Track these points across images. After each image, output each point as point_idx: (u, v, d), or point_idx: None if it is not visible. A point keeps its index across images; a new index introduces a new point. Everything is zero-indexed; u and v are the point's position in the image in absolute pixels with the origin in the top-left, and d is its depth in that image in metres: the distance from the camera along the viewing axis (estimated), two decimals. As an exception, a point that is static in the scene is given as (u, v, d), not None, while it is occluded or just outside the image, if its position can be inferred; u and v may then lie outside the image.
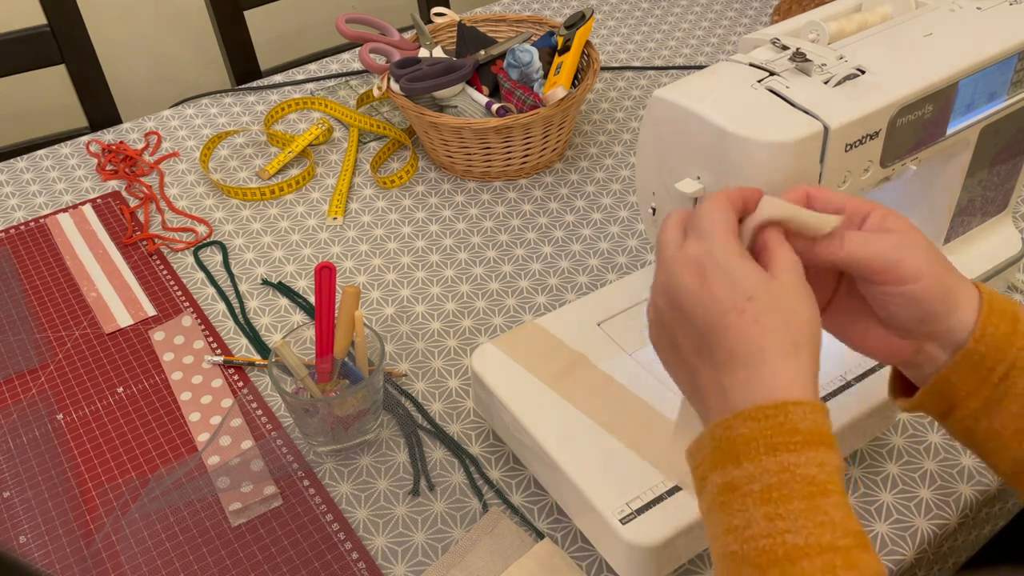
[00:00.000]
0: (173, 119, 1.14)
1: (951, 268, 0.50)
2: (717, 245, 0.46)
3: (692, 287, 0.45)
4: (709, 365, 0.45)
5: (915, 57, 0.63)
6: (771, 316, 0.44)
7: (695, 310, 0.45)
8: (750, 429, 0.42)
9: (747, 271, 0.45)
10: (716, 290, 0.44)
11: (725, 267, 0.45)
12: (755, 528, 0.40)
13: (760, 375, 0.43)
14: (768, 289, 0.44)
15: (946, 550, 0.70)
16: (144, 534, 0.68)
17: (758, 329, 0.43)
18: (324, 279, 0.70)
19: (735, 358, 0.43)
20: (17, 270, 0.93)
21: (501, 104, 0.98)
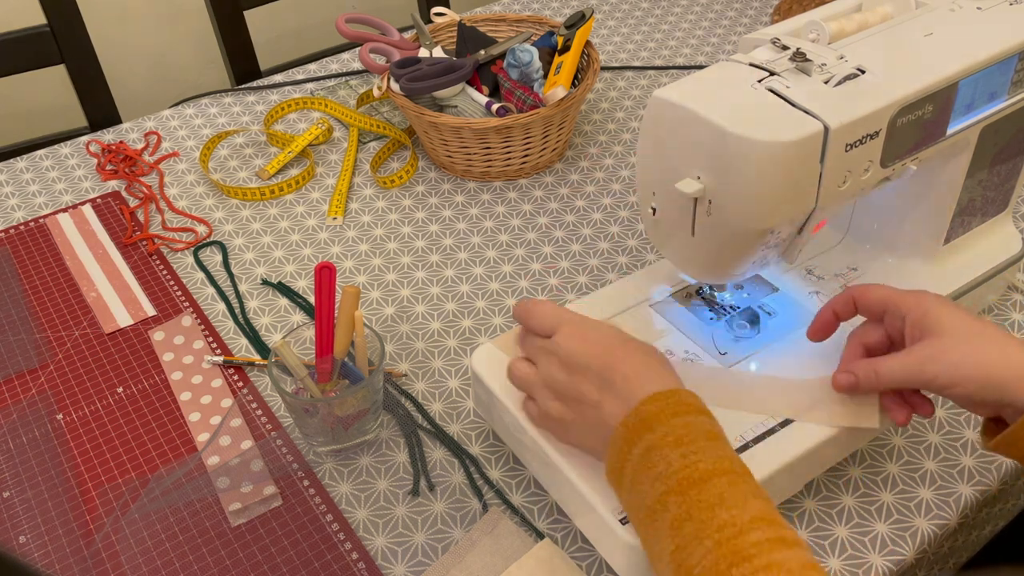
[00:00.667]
0: (173, 119, 1.14)
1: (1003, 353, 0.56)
2: (584, 320, 0.61)
3: (581, 348, 0.59)
4: (610, 391, 0.57)
5: (915, 57, 0.63)
6: (642, 349, 0.59)
7: (590, 360, 0.58)
8: (655, 407, 0.54)
9: (613, 329, 0.61)
10: (597, 341, 0.59)
11: (598, 328, 0.61)
12: (674, 465, 0.52)
13: (652, 379, 0.56)
14: (630, 337, 0.60)
15: (946, 550, 0.70)
16: (144, 534, 0.68)
17: (640, 355, 0.58)
18: (324, 279, 0.70)
19: (630, 378, 0.56)
20: (17, 270, 0.93)
21: (501, 104, 0.98)
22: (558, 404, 0.60)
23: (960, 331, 0.57)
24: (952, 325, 0.57)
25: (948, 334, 0.57)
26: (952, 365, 0.56)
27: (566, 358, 0.59)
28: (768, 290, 0.75)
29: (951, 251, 0.76)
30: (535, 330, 0.63)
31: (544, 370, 0.61)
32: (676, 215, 0.64)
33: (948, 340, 0.57)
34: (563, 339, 0.60)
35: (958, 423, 0.73)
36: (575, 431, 0.60)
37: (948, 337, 0.57)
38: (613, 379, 0.57)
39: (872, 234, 0.78)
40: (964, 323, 0.57)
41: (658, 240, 0.68)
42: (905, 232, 0.76)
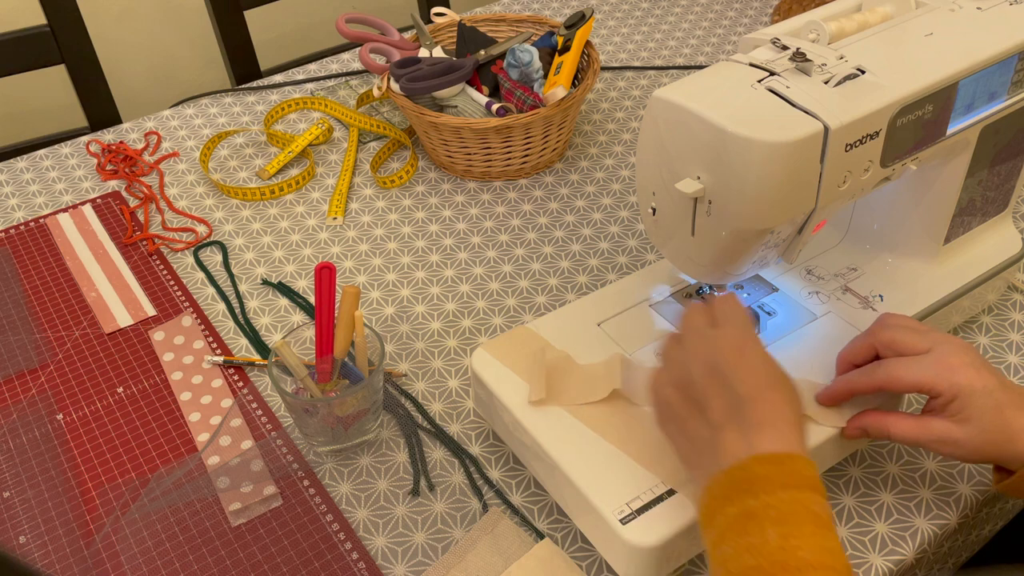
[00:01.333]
0: (173, 119, 1.14)
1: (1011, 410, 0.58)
2: (752, 336, 0.57)
3: (735, 361, 0.55)
4: (736, 423, 0.53)
5: (915, 57, 0.63)
6: (792, 402, 0.55)
7: (735, 379, 0.54)
8: (766, 470, 0.51)
9: (774, 364, 0.56)
10: (756, 369, 0.55)
11: (761, 354, 0.56)
12: (771, 544, 0.49)
13: (780, 436, 0.53)
14: (788, 381, 0.56)
15: (946, 550, 0.70)
16: (144, 534, 0.68)
17: (788, 409, 0.54)
18: (324, 279, 0.70)
19: (765, 423, 0.53)
20: (17, 270, 0.93)
21: (501, 104, 0.98)
22: (675, 393, 0.57)
23: (982, 426, 0.58)
24: (977, 419, 0.58)
25: (970, 427, 0.59)
26: (959, 452, 0.59)
27: (714, 360, 0.56)
28: (768, 290, 0.75)
29: (951, 251, 0.76)
30: (706, 312, 0.60)
31: (683, 351, 0.58)
32: (676, 215, 0.64)
33: (967, 431, 0.59)
34: (723, 339, 0.56)
35: (958, 423, 0.73)
36: (678, 430, 0.57)
37: (969, 429, 0.59)
38: (748, 417, 0.53)
39: (872, 234, 0.78)
40: (990, 415, 0.58)
41: (658, 240, 0.68)
42: (905, 232, 0.76)
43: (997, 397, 0.58)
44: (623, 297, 0.75)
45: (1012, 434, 0.58)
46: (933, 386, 0.59)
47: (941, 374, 0.59)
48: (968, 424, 0.58)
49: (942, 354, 0.60)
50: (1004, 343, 0.79)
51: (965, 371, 0.59)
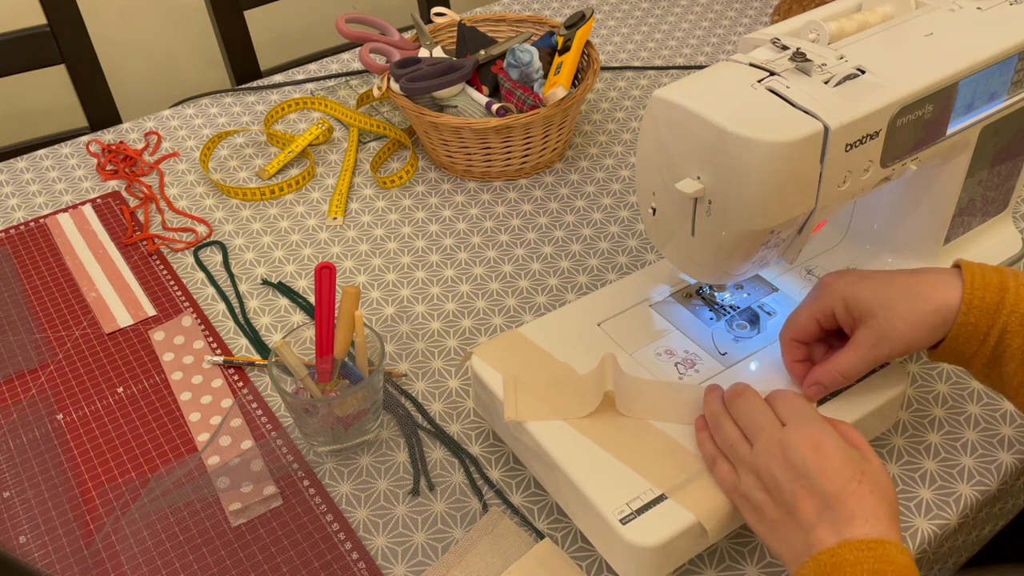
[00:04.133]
0: (173, 119, 1.14)
1: (910, 275, 0.61)
2: (825, 429, 0.57)
3: (815, 459, 0.55)
4: (829, 521, 0.53)
5: (915, 57, 0.63)
6: (879, 490, 0.55)
7: (820, 479, 0.54)
8: (855, 556, 0.51)
9: (853, 452, 0.56)
10: (837, 464, 0.55)
11: (839, 446, 0.56)
12: None
13: (871, 525, 0.53)
14: (870, 467, 0.56)
15: (946, 550, 0.70)
16: (144, 534, 0.68)
17: (874, 499, 0.54)
18: (324, 279, 0.70)
19: (856, 517, 0.53)
20: (17, 270, 0.93)
21: (501, 104, 0.98)
22: (764, 496, 0.57)
23: (884, 300, 0.60)
24: (874, 301, 0.61)
25: (878, 310, 0.60)
26: (897, 337, 0.60)
27: (797, 463, 0.55)
28: (768, 290, 0.75)
29: (951, 251, 0.77)
30: (761, 409, 0.60)
31: (763, 457, 0.57)
32: (676, 215, 0.64)
33: (881, 317, 0.60)
34: (797, 439, 0.56)
35: (958, 423, 0.73)
36: (771, 528, 0.57)
37: (879, 313, 0.60)
38: (838, 513, 0.53)
39: (872, 234, 0.78)
40: (881, 291, 0.61)
41: (658, 240, 0.68)
42: (905, 232, 0.76)
43: (877, 278, 0.62)
44: (623, 297, 0.75)
45: (918, 293, 0.60)
46: (822, 306, 0.63)
47: (821, 296, 0.63)
48: (879, 311, 0.60)
49: (816, 285, 0.65)
50: (1004, 343, 0.79)
51: (836, 281, 0.63)
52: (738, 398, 0.62)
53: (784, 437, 0.57)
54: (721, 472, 0.60)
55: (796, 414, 0.59)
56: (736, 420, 0.61)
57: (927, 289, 0.60)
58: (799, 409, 0.59)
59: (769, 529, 0.57)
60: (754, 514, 0.58)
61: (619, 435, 0.64)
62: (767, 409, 0.60)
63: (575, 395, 0.66)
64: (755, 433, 0.59)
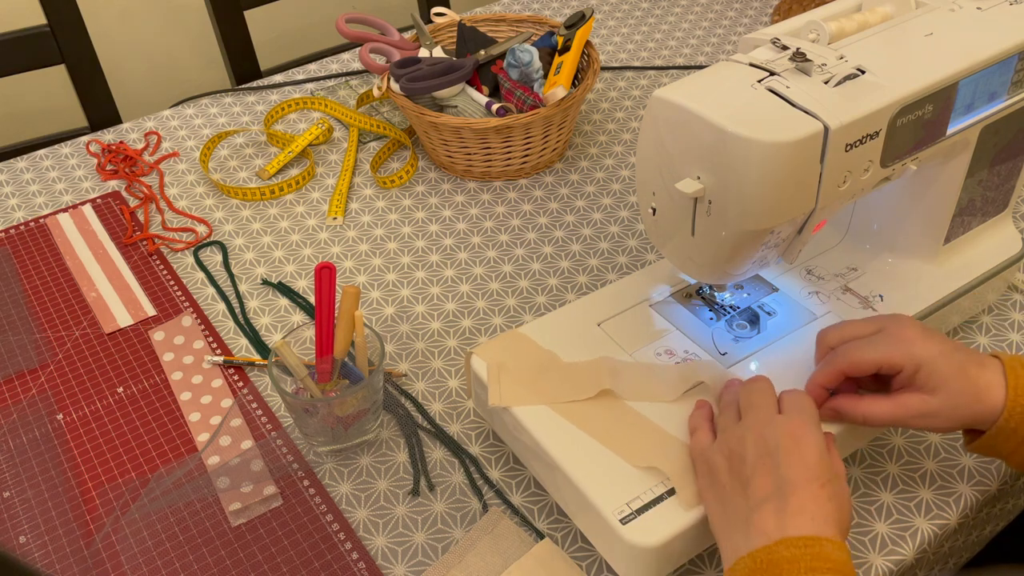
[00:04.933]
0: (173, 119, 1.14)
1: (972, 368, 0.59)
2: (815, 430, 0.57)
3: (790, 447, 0.55)
4: (774, 505, 0.53)
5: (915, 57, 0.63)
6: (839, 500, 0.55)
7: (787, 466, 0.54)
8: (792, 553, 0.51)
9: (829, 459, 0.56)
10: (808, 461, 0.55)
11: (818, 448, 0.56)
12: None
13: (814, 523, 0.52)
14: (839, 479, 0.56)
15: (946, 550, 0.70)
16: (144, 534, 0.68)
17: (832, 505, 0.54)
18: (324, 279, 0.70)
19: (803, 511, 0.53)
20: (17, 270, 0.93)
21: (501, 104, 0.98)
22: (724, 462, 0.57)
23: (951, 386, 0.59)
24: (944, 382, 0.59)
25: (940, 392, 0.59)
26: (939, 421, 0.60)
27: (771, 444, 0.56)
28: (768, 290, 0.75)
29: (951, 251, 0.76)
30: (765, 392, 0.60)
31: (743, 429, 0.58)
32: (676, 215, 0.64)
33: (940, 398, 0.59)
34: (782, 426, 0.57)
35: (958, 423, 0.73)
36: (716, 494, 0.57)
37: (940, 394, 0.59)
38: (788, 501, 0.53)
39: (872, 234, 0.78)
40: (954, 377, 0.59)
41: (658, 240, 0.68)
42: (905, 232, 0.76)
43: (956, 359, 0.60)
44: (623, 297, 0.75)
45: (978, 391, 0.59)
46: (894, 361, 0.60)
47: (898, 348, 0.60)
48: (939, 391, 0.59)
49: (893, 329, 0.62)
50: (1004, 343, 0.79)
51: (920, 341, 0.60)
52: (752, 380, 0.62)
53: (771, 419, 0.58)
54: (697, 438, 0.61)
55: (796, 407, 0.59)
56: (740, 397, 0.62)
57: (983, 390, 0.59)
58: (802, 407, 0.59)
59: (715, 494, 0.57)
60: (707, 476, 0.58)
61: (618, 432, 0.64)
62: (772, 398, 0.60)
63: (561, 381, 0.66)
64: (747, 409, 0.60)
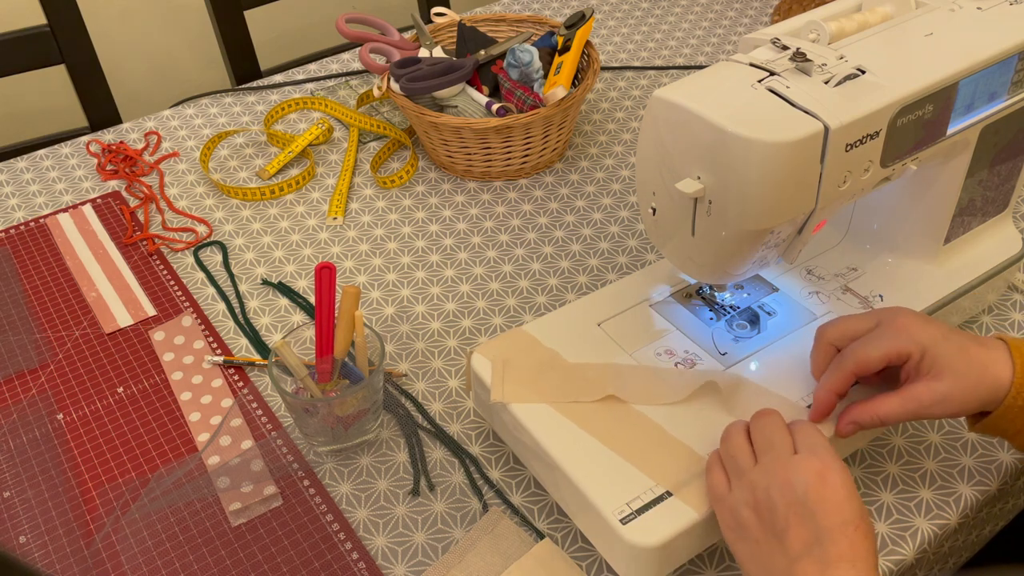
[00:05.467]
0: (173, 119, 1.14)
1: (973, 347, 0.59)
2: (837, 466, 0.55)
3: (817, 490, 0.54)
4: (816, 558, 0.52)
5: (915, 57, 0.63)
6: (871, 536, 0.54)
7: (818, 511, 0.53)
8: None
9: (857, 496, 0.55)
10: (840, 503, 0.54)
11: (845, 485, 0.55)
12: None
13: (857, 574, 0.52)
14: (866, 513, 0.55)
15: (946, 550, 0.70)
16: (144, 534, 0.68)
17: (866, 544, 0.53)
18: (324, 279, 0.70)
19: (844, 559, 0.52)
20: (17, 270, 0.93)
21: (501, 104, 0.98)
22: (752, 515, 0.56)
23: (957, 367, 0.59)
24: (948, 364, 0.59)
25: (947, 375, 0.59)
26: (950, 406, 0.59)
27: (799, 491, 0.54)
28: (768, 290, 0.75)
29: (951, 251, 0.76)
30: (779, 428, 0.59)
31: (764, 476, 0.56)
32: (676, 215, 0.64)
33: (947, 382, 0.59)
34: (806, 468, 0.55)
35: (958, 423, 0.73)
36: (750, 549, 0.56)
37: (947, 378, 0.59)
38: (828, 551, 0.52)
39: (872, 234, 0.78)
40: (957, 357, 0.59)
41: (658, 240, 0.68)
42: (905, 232, 0.76)
43: (956, 340, 0.60)
44: (623, 297, 0.75)
45: (983, 370, 0.59)
46: (900, 350, 0.60)
47: (901, 337, 0.60)
48: (944, 374, 0.59)
49: (891, 321, 0.62)
50: (1004, 343, 0.79)
51: (919, 327, 0.60)
52: (762, 416, 0.60)
53: (792, 462, 0.56)
54: (713, 478, 0.59)
55: (811, 445, 0.57)
56: (752, 435, 0.60)
57: (989, 367, 0.59)
58: (816, 442, 0.57)
59: (748, 548, 0.56)
60: (735, 531, 0.57)
61: (620, 432, 0.64)
62: (786, 431, 0.59)
63: (564, 381, 0.66)
64: (764, 450, 0.58)
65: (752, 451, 0.59)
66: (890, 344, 0.60)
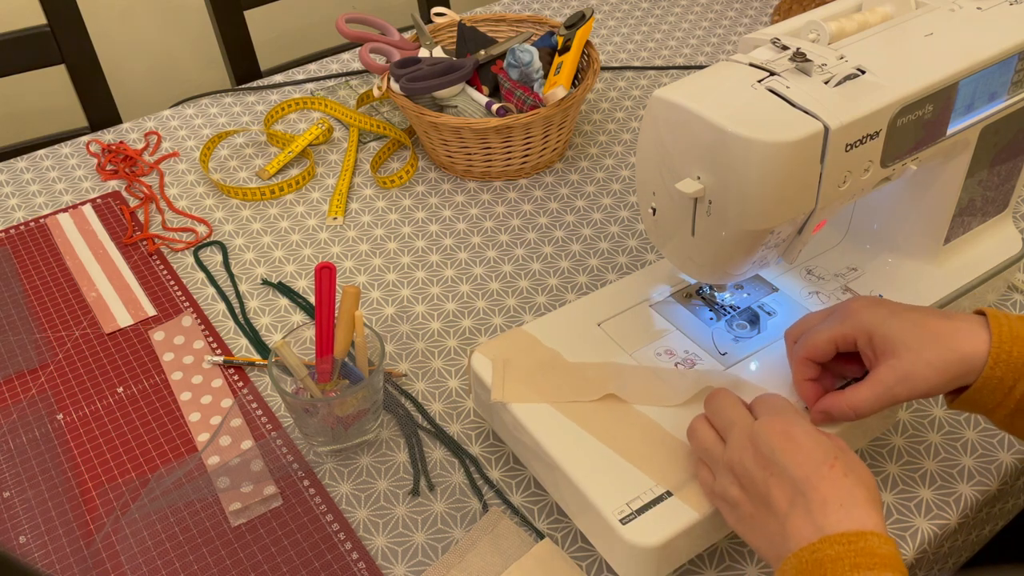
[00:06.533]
0: (173, 119, 1.14)
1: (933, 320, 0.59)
2: (797, 419, 0.56)
3: (783, 446, 0.54)
4: (803, 509, 0.52)
5: (915, 57, 0.63)
6: (854, 472, 0.53)
7: (789, 465, 0.53)
8: (836, 551, 0.49)
9: (825, 440, 0.55)
10: (808, 449, 0.54)
11: (809, 433, 0.55)
12: None
13: (848, 513, 0.51)
14: (844, 452, 0.55)
15: (946, 550, 0.70)
16: (144, 534, 0.68)
17: (849, 481, 0.52)
18: (324, 279, 0.70)
19: (829, 501, 0.51)
20: (17, 270, 0.93)
21: (501, 104, 0.98)
22: (739, 491, 0.56)
23: (911, 341, 0.58)
24: (901, 340, 0.59)
25: (902, 351, 0.58)
26: (918, 381, 0.58)
27: (766, 452, 0.55)
28: (768, 290, 0.75)
29: (951, 251, 0.76)
30: (733, 405, 0.60)
31: (735, 452, 0.56)
32: (676, 215, 0.64)
33: (905, 358, 0.58)
34: (767, 429, 0.55)
35: (958, 423, 0.73)
36: (748, 524, 0.56)
37: (904, 354, 0.58)
38: (811, 498, 0.52)
39: (872, 234, 0.78)
40: (910, 331, 0.59)
41: (658, 240, 0.68)
42: (905, 232, 0.76)
43: (909, 316, 0.59)
44: (623, 297, 0.75)
45: (950, 341, 0.58)
46: (844, 333, 0.61)
47: (846, 322, 0.61)
48: (900, 351, 0.58)
49: (843, 307, 0.62)
50: (1004, 343, 0.79)
51: (867, 310, 0.61)
52: (712, 399, 0.61)
53: (754, 428, 0.56)
54: (701, 476, 0.60)
55: (770, 408, 0.58)
56: (711, 421, 0.60)
57: (955, 337, 0.58)
58: (773, 404, 0.58)
59: (747, 525, 0.56)
60: (732, 512, 0.57)
61: (620, 432, 0.64)
62: (739, 405, 0.60)
63: (564, 381, 0.66)
64: (727, 429, 0.58)
65: (718, 436, 0.59)
66: (835, 328, 0.61)
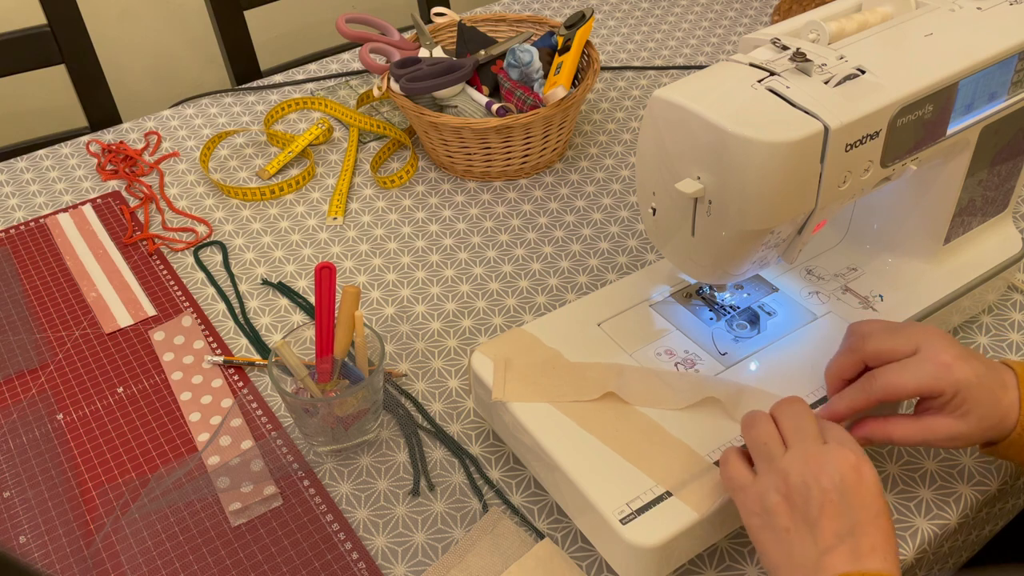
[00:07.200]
0: (173, 119, 1.14)
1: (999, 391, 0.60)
2: (866, 458, 0.56)
3: (853, 481, 0.54)
4: (850, 548, 0.52)
5: (915, 57, 0.63)
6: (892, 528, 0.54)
7: (854, 503, 0.54)
8: None
9: (883, 491, 0.55)
10: (874, 494, 0.54)
11: (876, 480, 0.55)
12: None
13: (887, 563, 0.53)
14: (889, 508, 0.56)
15: (946, 550, 0.70)
16: (144, 534, 0.68)
17: (894, 539, 0.54)
18: (324, 279, 0.70)
19: (876, 551, 0.53)
20: (17, 270, 0.93)
21: (501, 104, 0.98)
22: (781, 500, 0.55)
23: (982, 416, 0.59)
24: (976, 412, 0.59)
25: (972, 420, 0.59)
26: (963, 443, 0.60)
27: (835, 480, 0.54)
28: (768, 290, 0.75)
29: (951, 251, 0.76)
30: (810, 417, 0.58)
31: (797, 463, 0.55)
32: (676, 215, 0.64)
33: (970, 427, 0.59)
34: (840, 459, 0.54)
35: (958, 423, 0.73)
36: (774, 535, 0.55)
37: (971, 423, 0.59)
38: (861, 542, 0.52)
39: (872, 234, 0.78)
40: (986, 407, 0.59)
41: (658, 240, 0.68)
42: (905, 232, 0.76)
43: (987, 383, 0.59)
44: (623, 297, 0.75)
45: (1003, 413, 0.60)
46: (935, 389, 0.59)
47: (939, 375, 0.59)
48: (969, 417, 0.59)
49: (932, 352, 0.60)
50: (1004, 343, 0.79)
51: (959, 366, 0.59)
52: (790, 403, 0.59)
53: (827, 452, 0.55)
54: (733, 468, 0.58)
55: (841, 438, 0.57)
56: (778, 421, 0.59)
57: (1005, 409, 0.60)
58: (844, 436, 0.57)
59: (773, 536, 0.55)
60: (761, 517, 0.55)
61: (620, 432, 0.64)
62: (815, 422, 0.58)
63: (565, 380, 0.66)
64: (795, 438, 0.57)
65: (781, 438, 0.58)
66: (926, 380, 0.59)
